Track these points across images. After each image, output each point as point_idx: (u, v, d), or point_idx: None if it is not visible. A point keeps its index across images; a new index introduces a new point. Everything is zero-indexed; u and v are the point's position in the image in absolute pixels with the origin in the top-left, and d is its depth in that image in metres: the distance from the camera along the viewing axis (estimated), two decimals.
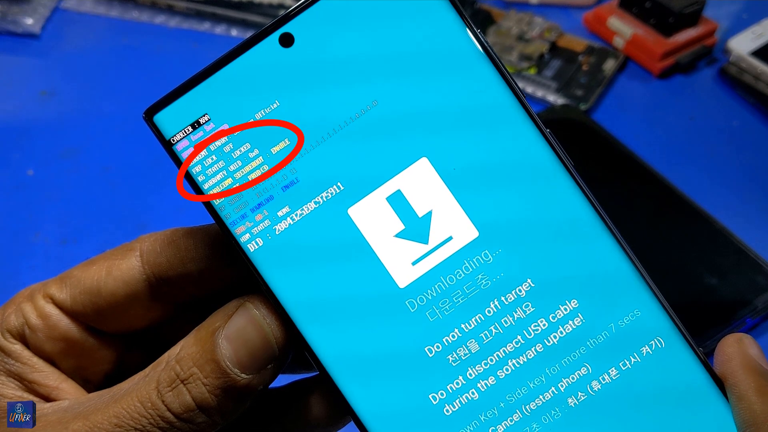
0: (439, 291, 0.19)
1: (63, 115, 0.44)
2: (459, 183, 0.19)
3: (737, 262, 0.41)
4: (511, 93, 0.19)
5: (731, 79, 0.55)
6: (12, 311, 0.22)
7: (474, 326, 0.19)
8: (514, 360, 0.19)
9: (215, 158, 0.19)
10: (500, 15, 0.59)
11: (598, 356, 0.19)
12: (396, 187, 0.19)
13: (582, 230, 0.19)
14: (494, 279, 0.19)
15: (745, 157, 0.50)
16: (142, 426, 0.19)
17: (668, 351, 0.19)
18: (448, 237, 0.19)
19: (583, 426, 0.19)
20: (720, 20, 0.59)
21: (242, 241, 0.19)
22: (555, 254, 0.19)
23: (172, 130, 0.19)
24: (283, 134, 0.19)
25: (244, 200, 0.19)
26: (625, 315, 0.19)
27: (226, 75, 0.19)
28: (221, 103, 0.19)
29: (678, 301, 0.40)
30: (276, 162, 0.19)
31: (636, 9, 0.56)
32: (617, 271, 0.19)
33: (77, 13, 0.58)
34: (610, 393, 0.19)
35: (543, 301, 0.19)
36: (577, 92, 0.53)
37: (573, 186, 0.20)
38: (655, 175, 0.46)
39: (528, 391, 0.19)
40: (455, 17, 0.19)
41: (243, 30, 0.57)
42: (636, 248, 0.45)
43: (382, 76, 0.19)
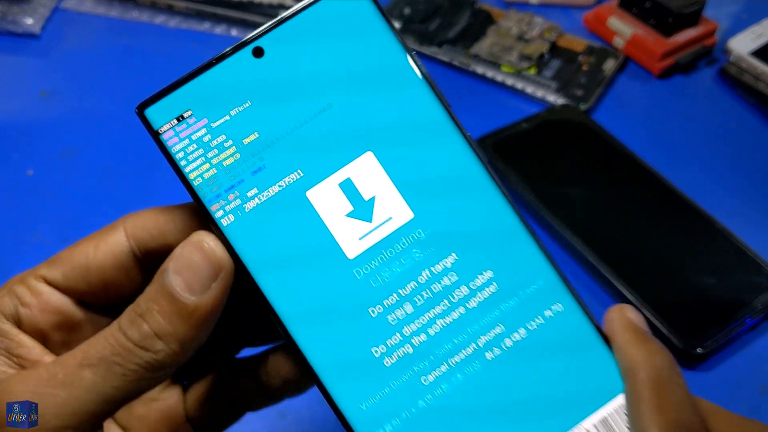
0: (380, 262, 0.23)
1: (63, 115, 0.44)
2: (398, 173, 0.23)
3: (737, 262, 0.41)
4: (439, 103, 0.24)
5: (731, 79, 0.55)
6: (4, 293, 0.23)
7: (409, 291, 0.23)
8: (441, 320, 0.23)
9: (196, 146, 0.23)
10: (500, 15, 0.59)
11: (510, 318, 0.23)
12: (347, 175, 0.23)
13: (498, 220, 0.23)
14: (425, 252, 0.23)
15: (745, 157, 0.50)
16: (105, 356, 0.21)
17: (566, 314, 0.23)
18: (389, 217, 0.23)
19: (498, 376, 0.22)
20: (720, 20, 0.59)
21: (216, 216, 0.22)
22: (476, 235, 0.23)
23: (160, 122, 0.23)
24: (253, 128, 0.23)
25: (219, 182, 0.23)
26: (531, 284, 0.23)
27: (208, 78, 0.23)
28: (202, 101, 0.23)
29: (678, 301, 0.40)
30: (247, 151, 0.23)
31: (636, 9, 0.56)
32: (526, 251, 0.23)
33: (77, 13, 0.58)
34: (519, 348, 0.23)
35: (465, 271, 0.23)
36: (577, 92, 0.53)
37: (493, 186, 0.23)
38: (655, 175, 0.46)
39: (453, 346, 0.23)
40: (396, 43, 0.23)
41: (243, 30, 0.57)
42: (636, 248, 0.45)
43: (337, 84, 0.23)
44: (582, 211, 0.44)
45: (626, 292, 0.40)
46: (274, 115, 0.23)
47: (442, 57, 0.56)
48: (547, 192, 0.45)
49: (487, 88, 0.54)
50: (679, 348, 0.38)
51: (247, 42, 0.23)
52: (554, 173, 0.47)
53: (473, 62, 0.55)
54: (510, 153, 0.48)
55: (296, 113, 0.23)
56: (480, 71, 0.54)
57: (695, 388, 0.39)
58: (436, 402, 0.22)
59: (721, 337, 0.38)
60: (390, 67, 0.23)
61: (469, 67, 0.55)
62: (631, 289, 0.40)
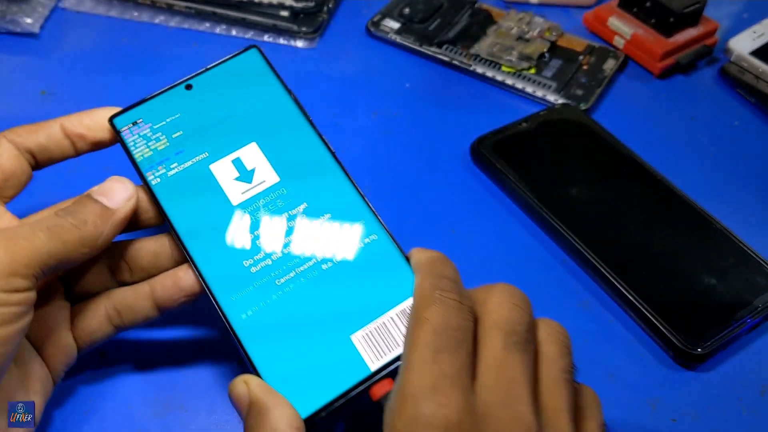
0: (254, 207, 0.34)
1: (63, 115, 0.44)
2: (271, 155, 0.35)
3: (737, 262, 0.41)
4: (302, 113, 0.36)
5: (732, 78, 0.55)
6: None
7: (273, 225, 0.33)
8: (293, 244, 0.33)
9: (141, 139, 0.35)
10: (500, 15, 0.59)
11: (341, 242, 0.33)
12: (237, 156, 0.35)
13: (337, 184, 0.34)
14: (286, 202, 0.34)
15: (746, 157, 0.50)
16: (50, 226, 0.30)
17: (379, 241, 0.33)
18: (263, 180, 0.34)
19: (330, 280, 0.32)
20: (721, 20, 0.58)
21: (148, 179, 0.34)
22: (320, 192, 0.34)
23: (120, 125, 0.35)
24: (180, 128, 0.35)
25: (153, 159, 0.35)
26: (356, 221, 0.33)
27: (155, 100, 0.36)
28: (149, 113, 0.36)
29: (678, 301, 0.40)
30: (174, 141, 0.35)
31: (636, 9, 0.56)
32: (356, 202, 0.34)
33: (76, 13, 0.58)
34: (346, 262, 0.32)
35: (312, 213, 0.34)
36: (577, 92, 0.53)
37: (334, 161, 0.35)
38: (655, 175, 0.46)
39: (299, 260, 0.32)
40: (275, 79, 0.37)
41: (243, 30, 0.57)
42: (636, 248, 0.45)
43: (236, 103, 0.36)
44: (582, 211, 0.44)
45: (626, 292, 0.40)
46: (194, 121, 0.35)
47: (442, 57, 0.55)
48: (547, 192, 0.45)
49: (487, 88, 0.54)
50: (679, 348, 0.38)
51: (182, 81, 0.36)
52: (554, 173, 0.47)
53: (473, 62, 0.55)
54: (510, 153, 0.48)
55: (208, 120, 0.36)
56: (480, 71, 0.54)
57: (695, 388, 0.39)
58: (285, 297, 0.32)
59: (722, 338, 0.38)
60: (273, 96, 0.36)
61: (469, 67, 0.55)
62: (631, 289, 0.40)
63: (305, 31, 0.56)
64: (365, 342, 0.30)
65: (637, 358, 0.39)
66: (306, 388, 0.29)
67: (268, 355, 0.30)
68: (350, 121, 0.51)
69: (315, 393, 0.29)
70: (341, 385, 0.29)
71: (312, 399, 0.29)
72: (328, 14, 0.59)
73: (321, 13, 0.57)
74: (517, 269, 0.43)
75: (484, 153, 0.47)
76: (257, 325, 0.31)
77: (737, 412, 0.37)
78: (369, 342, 0.30)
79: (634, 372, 0.38)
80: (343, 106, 0.53)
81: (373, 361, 0.30)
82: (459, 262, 0.43)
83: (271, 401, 0.28)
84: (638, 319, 0.40)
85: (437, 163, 0.49)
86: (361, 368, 0.30)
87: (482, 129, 0.49)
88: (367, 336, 0.31)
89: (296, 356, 0.30)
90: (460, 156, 0.49)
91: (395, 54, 0.57)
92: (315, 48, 0.57)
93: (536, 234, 0.45)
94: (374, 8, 0.60)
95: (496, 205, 0.46)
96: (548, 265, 0.43)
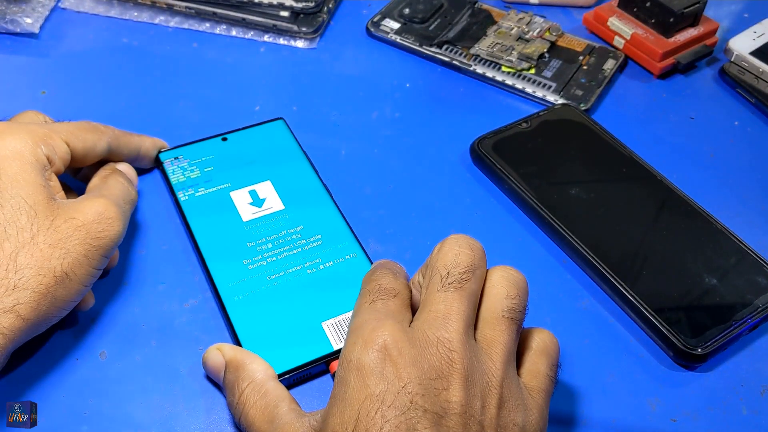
0: (260, 223, 0.43)
1: (63, 115, 0.43)
2: (281, 190, 0.45)
3: (737, 262, 0.41)
4: (309, 164, 0.47)
5: (732, 78, 0.55)
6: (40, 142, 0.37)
7: (273, 237, 0.42)
8: (287, 252, 0.41)
9: (179, 170, 0.46)
10: (500, 15, 0.59)
11: (325, 256, 0.41)
12: (254, 188, 0.45)
13: (327, 212, 0.44)
14: (286, 222, 0.43)
15: (746, 157, 0.50)
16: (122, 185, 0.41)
17: (357, 259, 0.41)
18: (271, 206, 0.44)
19: (312, 282, 0.40)
20: (721, 20, 0.58)
21: (178, 196, 0.44)
22: (315, 218, 0.43)
23: (164, 158, 0.46)
24: (212, 165, 0.46)
25: (185, 183, 0.45)
26: (341, 243, 0.42)
27: (196, 144, 0.47)
28: (188, 153, 0.47)
29: (678, 301, 0.40)
30: (204, 173, 0.45)
31: (636, 9, 0.56)
32: (341, 228, 0.43)
33: (76, 13, 0.58)
34: (327, 271, 0.41)
35: (306, 233, 0.42)
36: (577, 92, 0.53)
37: (329, 198, 0.45)
38: (655, 175, 0.46)
39: (289, 264, 0.41)
40: (289, 134, 0.49)
41: (243, 30, 0.57)
42: (636, 248, 0.45)
43: (260, 154, 0.47)
44: (582, 211, 0.44)
45: (626, 292, 0.40)
46: (224, 162, 0.46)
47: (442, 57, 0.55)
48: (547, 192, 0.45)
49: (487, 88, 0.54)
50: (679, 348, 0.38)
51: (220, 134, 0.48)
52: (554, 173, 0.47)
53: (473, 62, 0.55)
54: (510, 153, 0.48)
55: (236, 162, 0.46)
56: (480, 71, 0.54)
57: (695, 388, 0.39)
58: (272, 289, 0.39)
59: (722, 338, 0.38)
60: (287, 147, 0.48)
61: (469, 68, 0.55)
62: (631, 289, 0.40)
63: (305, 32, 0.56)
64: (333, 328, 0.38)
65: (637, 358, 0.39)
66: (278, 355, 0.36)
67: (250, 330, 0.38)
68: (350, 121, 0.51)
69: (286, 359, 0.36)
70: (308, 356, 0.36)
71: (283, 362, 0.36)
72: (328, 14, 0.59)
73: (321, 14, 0.57)
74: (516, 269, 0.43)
75: (484, 153, 0.47)
76: (245, 306, 0.38)
77: (737, 412, 0.37)
78: (337, 329, 0.38)
79: (634, 372, 0.38)
80: (343, 106, 0.52)
81: (336, 343, 0.37)
82: None
83: (245, 357, 0.34)
84: (638, 320, 0.40)
85: (437, 164, 0.49)
86: (326, 346, 0.37)
87: (482, 129, 0.49)
88: (336, 324, 0.38)
89: (274, 332, 0.37)
90: (460, 156, 0.49)
91: (395, 54, 0.57)
92: (315, 48, 0.57)
93: (536, 234, 0.45)
94: (374, 8, 0.60)
95: (496, 206, 0.46)
96: (548, 266, 0.43)
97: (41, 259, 0.33)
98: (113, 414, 0.35)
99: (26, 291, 0.32)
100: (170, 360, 0.37)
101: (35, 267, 0.32)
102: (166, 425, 0.35)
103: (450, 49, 0.56)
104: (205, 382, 0.37)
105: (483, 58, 0.55)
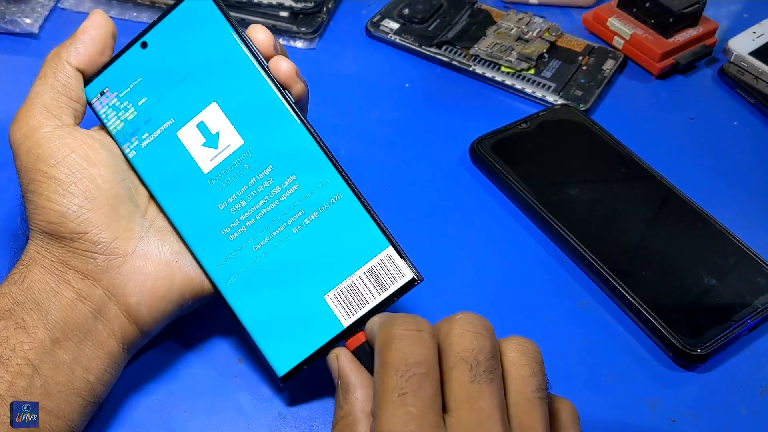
0: (223, 173, 0.35)
1: None
2: (233, 115, 0.35)
3: (737, 262, 0.41)
4: (257, 66, 0.35)
5: (731, 79, 0.55)
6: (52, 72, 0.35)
7: (243, 191, 0.35)
8: (264, 209, 0.34)
9: (111, 110, 0.36)
10: (500, 15, 0.59)
11: (307, 205, 0.34)
12: (201, 119, 0.35)
13: (300, 141, 0.34)
14: (251, 165, 0.35)
15: (745, 157, 0.50)
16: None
17: (344, 200, 0.34)
18: (228, 144, 0.35)
19: (301, 243, 0.34)
20: (720, 20, 0.58)
21: (125, 152, 0.36)
22: (285, 152, 0.34)
23: (91, 97, 0.36)
24: (143, 94, 0.36)
25: (125, 131, 0.36)
26: (321, 182, 0.34)
27: (116, 66, 0.36)
28: (113, 81, 0.36)
29: (678, 301, 0.40)
30: (140, 109, 0.36)
31: (635, 9, 0.56)
32: (319, 160, 0.34)
33: (76, 13, 0.58)
34: (315, 225, 0.34)
35: (278, 176, 0.34)
36: (577, 92, 0.53)
37: (296, 117, 0.35)
38: (655, 175, 0.46)
39: (272, 225, 0.34)
40: (223, 19, 0.35)
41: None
42: (636, 248, 0.45)
43: (193, 60, 0.35)
44: (582, 212, 0.44)
45: (626, 292, 0.40)
46: (155, 84, 0.36)
47: (442, 57, 0.55)
48: (546, 192, 0.45)
49: (487, 89, 0.54)
50: (679, 348, 0.38)
51: (137, 39, 0.36)
52: (553, 174, 0.47)
53: (473, 63, 0.55)
54: (510, 153, 0.48)
55: (168, 81, 0.36)
56: (480, 71, 0.54)
57: (695, 388, 0.39)
58: (262, 261, 0.34)
59: (722, 338, 0.38)
60: (227, 47, 0.35)
61: (468, 68, 0.55)
62: (631, 290, 0.40)
63: (305, 32, 0.56)
64: (337, 301, 0.34)
65: (637, 359, 0.39)
66: (289, 346, 0.34)
67: (254, 316, 0.34)
68: (350, 121, 0.51)
69: (297, 349, 0.34)
70: (319, 341, 0.34)
71: (294, 355, 0.34)
72: (327, 14, 0.59)
73: (320, 14, 0.57)
74: (516, 270, 0.43)
75: (483, 153, 0.47)
76: (241, 290, 0.35)
77: (737, 413, 0.37)
78: (341, 301, 0.34)
79: (633, 372, 0.38)
80: (342, 106, 0.52)
81: (345, 318, 0.33)
82: (458, 262, 0.43)
83: (352, 378, 0.31)
84: (638, 320, 0.40)
85: (437, 164, 0.49)
86: (335, 325, 0.33)
87: (482, 129, 0.49)
88: (339, 295, 0.34)
89: (279, 316, 0.34)
90: (459, 156, 0.49)
91: (394, 54, 0.57)
92: (314, 48, 0.57)
93: (535, 234, 0.45)
94: (374, 8, 0.60)
95: (496, 206, 0.46)
96: (548, 266, 0.43)
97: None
98: (113, 414, 0.35)
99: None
100: (170, 360, 0.37)
101: None
102: (166, 425, 0.35)
103: (449, 49, 0.56)
104: (205, 382, 0.37)
105: (482, 58, 0.55)
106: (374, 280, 0.34)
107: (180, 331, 0.39)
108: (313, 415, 0.36)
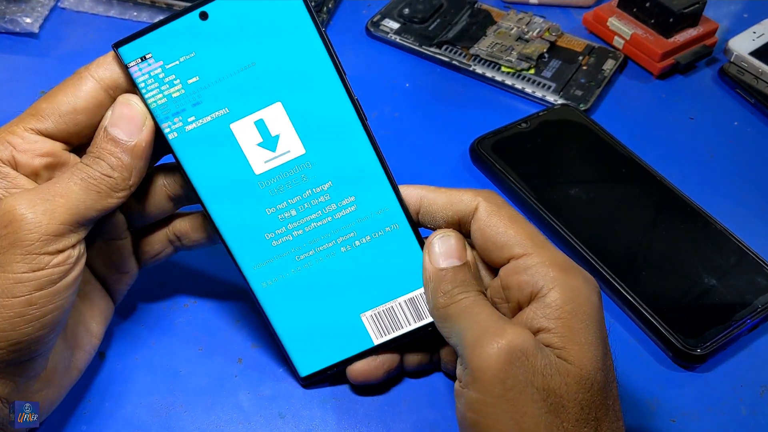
0: (277, 179, 0.32)
1: None
2: (298, 121, 0.32)
3: (737, 262, 0.41)
4: (336, 72, 0.31)
5: (731, 79, 0.55)
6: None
7: (296, 201, 0.33)
8: (315, 223, 0.33)
9: (153, 81, 0.31)
10: (500, 15, 0.59)
11: (361, 228, 0.33)
12: (260, 117, 0.32)
13: (365, 161, 0.32)
14: (309, 177, 0.32)
15: (745, 157, 0.50)
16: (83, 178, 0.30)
17: (400, 231, 0.33)
18: (288, 150, 0.32)
19: (347, 263, 0.34)
20: (720, 20, 0.58)
21: (165, 132, 0.32)
22: (347, 170, 0.32)
23: (128, 58, 0.31)
24: (196, 72, 0.31)
25: (168, 108, 0.31)
26: (380, 209, 0.33)
27: (165, 31, 0.30)
28: (160, 47, 0.30)
29: (678, 301, 0.40)
30: (189, 89, 0.31)
31: (636, 9, 0.56)
32: (381, 186, 0.33)
33: (76, 13, 0.58)
34: (364, 248, 0.33)
35: (335, 193, 0.33)
36: (577, 92, 0.53)
37: (365, 136, 0.32)
38: (655, 175, 0.46)
39: (319, 240, 0.33)
40: (308, 19, 0.30)
41: None
42: (636, 248, 0.45)
43: (261, 48, 0.31)
44: (582, 211, 0.44)
45: (626, 292, 0.40)
46: (211, 65, 0.31)
47: (442, 57, 0.55)
48: (546, 192, 0.45)
49: (487, 88, 0.54)
50: (679, 348, 0.38)
51: (195, 6, 0.30)
52: (554, 174, 0.47)
53: (473, 62, 0.55)
54: (510, 153, 0.48)
55: (228, 66, 0.31)
56: (480, 71, 0.54)
57: (695, 388, 0.39)
58: (302, 273, 0.34)
59: (722, 338, 0.38)
60: (307, 45, 0.31)
61: (468, 68, 0.55)
62: (631, 290, 0.40)
63: None
64: (373, 321, 0.34)
65: (637, 359, 0.39)
66: (316, 350, 0.35)
67: (286, 321, 0.35)
68: None
69: (323, 355, 0.35)
70: (347, 352, 0.35)
71: (320, 360, 0.35)
72: (327, 14, 0.59)
73: (321, 13, 0.57)
74: None
75: (483, 153, 0.47)
76: (276, 295, 0.34)
77: (737, 413, 0.37)
78: (376, 321, 0.34)
79: (634, 372, 0.38)
80: None
81: (377, 337, 0.35)
82: None
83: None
84: (638, 320, 0.40)
85: (437, 164, 0.49)
86: (366, 341, 0.35)
87: (482, 129, 0.49)
88: (375, 316, 0.34)
89: (310, 323, 0.35)
90: (459, 156, 0.49)
91: (395, 54, 0.57)
92: None
93: None
94: (374, 8, 0.60)
95: None
96: None
97: None
98: (113, 414, 0.35)
99: None
100: (170, 360, 0.37)
101: None
102: (166, 425, 0.35)
103: (449, 49, 0.56)
104: (205, 381, 0.37)
105: (482, 58, 0.55)
106: (413, 309, 0.34)
107: (180, 331, 0.39)
108: (312, 414, 0.36)
